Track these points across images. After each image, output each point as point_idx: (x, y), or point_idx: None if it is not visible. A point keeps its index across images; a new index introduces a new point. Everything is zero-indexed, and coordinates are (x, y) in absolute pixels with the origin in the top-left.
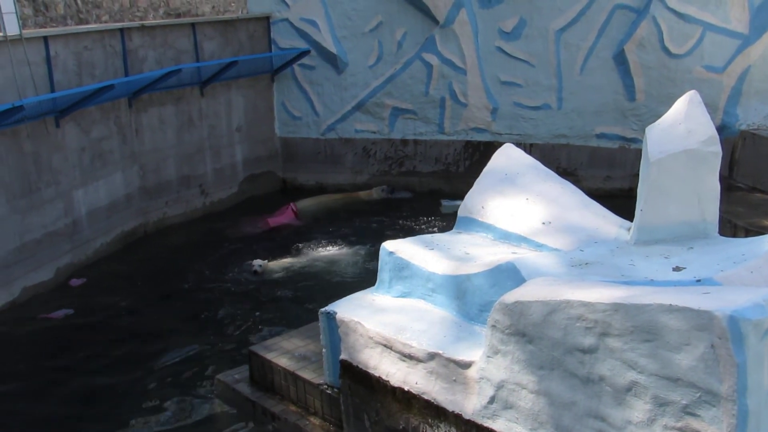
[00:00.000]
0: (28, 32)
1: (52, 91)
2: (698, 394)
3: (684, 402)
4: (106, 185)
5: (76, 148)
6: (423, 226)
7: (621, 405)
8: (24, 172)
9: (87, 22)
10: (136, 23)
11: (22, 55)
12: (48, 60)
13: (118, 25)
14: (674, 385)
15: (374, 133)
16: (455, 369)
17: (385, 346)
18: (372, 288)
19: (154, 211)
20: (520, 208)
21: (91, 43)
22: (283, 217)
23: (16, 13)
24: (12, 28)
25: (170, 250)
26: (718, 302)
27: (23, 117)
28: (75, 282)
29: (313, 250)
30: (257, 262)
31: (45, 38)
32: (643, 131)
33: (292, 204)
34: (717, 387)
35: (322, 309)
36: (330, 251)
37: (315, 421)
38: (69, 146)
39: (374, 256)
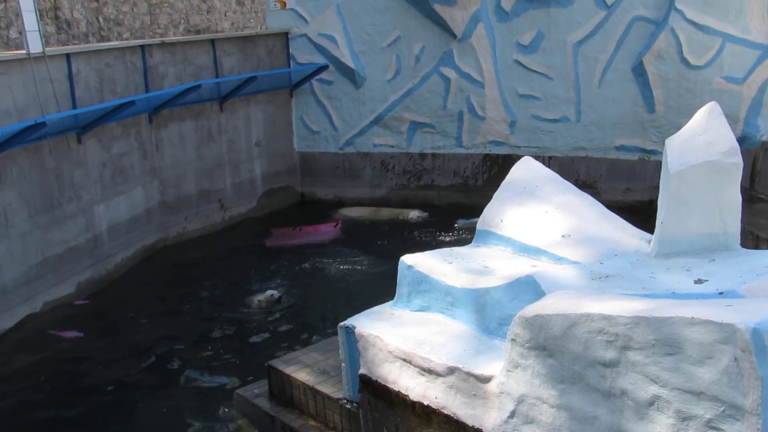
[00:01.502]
0: (51, 50)
1: (74, 107)
2: (722, 408)
3: (707, 416)
4: (127, 200)
5: (98, 164)
6: (441, 240)
7: (643, 419)
8: (46, 187)
9: (108, 40)
10: (157, 40)
11: (44, 72)
12: (70, 77)
13: (139, 42)
14: (697, 398)
15: (392, 147)
16: (475, 383)
17: (404, 360)
18: (391, 302)
19: (174, 226)
20: (539, 221)
21: (112, 60)
22: (323, 230)
23: (39, 31)
24: (35, 46)
25: (189, 265)
26: (741, 315)
27: (45, 133)
28: (79, 303)
29: (333, 264)
30: (272, 293)
31: (67, 55)
32: (663, 143)
33: (339, 222)
34: (741, 401)
35: (341, 323)
36: (351, 265)
37: None
38: (90, 162)
39: (393, 269)
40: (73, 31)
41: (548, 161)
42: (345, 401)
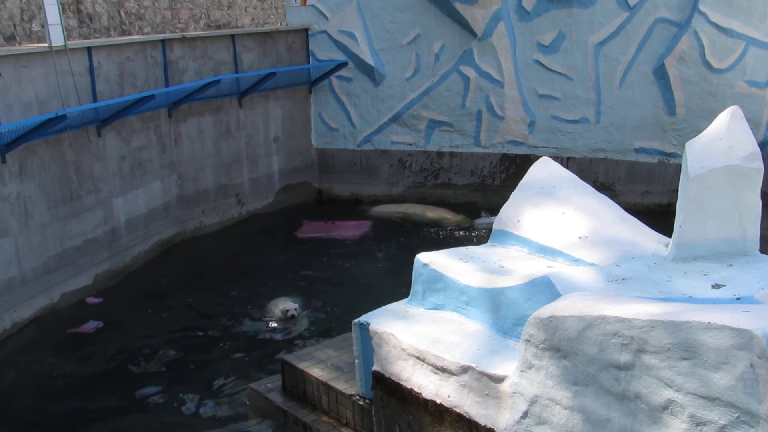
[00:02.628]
0: (73, 43)
1: (95, 100)
2: (736, 415)
3: (722, 422)
4: (145, 194)
5: (117, 157)
6: (458, 239)
7: (657, 423)
8: (66, 180)
9: (129, 34)
10: (177, 35)
11: (66, 65)
12: (91, 70)
13: (160, 36)
14: (712, 404)
15: (410, 145)
16: (488, 383)
17: (417, 358)
18: (405, 300)
19: (191, 220)
20: (556, 222)
21: (133, 54)
22: (355, 226)
23: (62, 24)
24: (57, 39)
25: (206, 259)
26: (759, 321)
27: (66, 126)
28: (92, 300)
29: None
30: (291, 306)
31: (89, 49)
32: (683, 146)
33: (370, 220)
34: (756, 407)
35: (355, 320)
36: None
37: None
38: (110, 155)
39: (408, 267)
40: (94, 25)
41: (567, 162)
42: (358, 398)
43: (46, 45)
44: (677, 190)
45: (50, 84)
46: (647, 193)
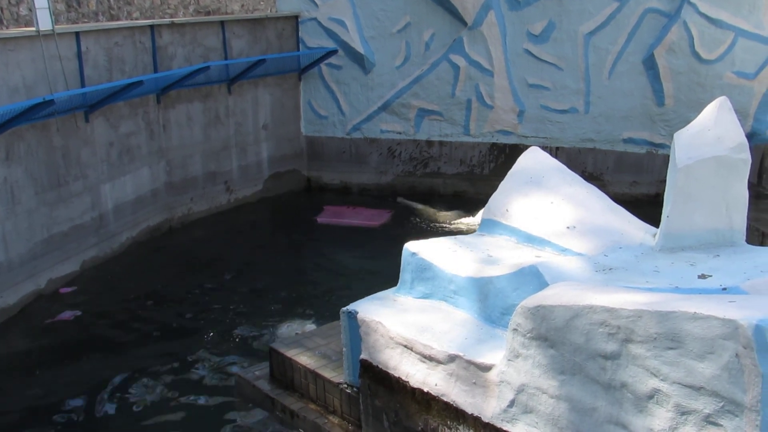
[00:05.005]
0: (61, 27)
1: (83, 86)
2: (721, 404)
3: (707, 411)
4: (133, 180)
5: (105, 143)
6: (446, 228)
7: (642, 412)
8: (53, 165)
9: (118, 19)
10: (166, 20)
11: (54, 50)
12: (79, 55)
13: (149, 21)
14: (697, 393)
15: (399, 133)
16: (475, 372)
17: (405, 346)
18: (394, 288)
19: (180, 207)
20: (544, 212)
21: (121, 39)
22: (375, 214)
23: (49, 8)
24: (45, 24)
25: (194, 246)
26: (744, 311)
27: (54, 111)
28: (65, 290)
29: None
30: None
31: (77, 34)
32: (671, 137)
33: (391, 210)
34: (741, 397)
35: (344, 308)
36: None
37: (334, 419)
38: (98, 141)
39: (396, 257)
40: (82, 10)
41: (556, 152)
42: (345, 386)
43: (33, 29)
44: (665, 181)
45: (38, 69)
46: (635, 183)
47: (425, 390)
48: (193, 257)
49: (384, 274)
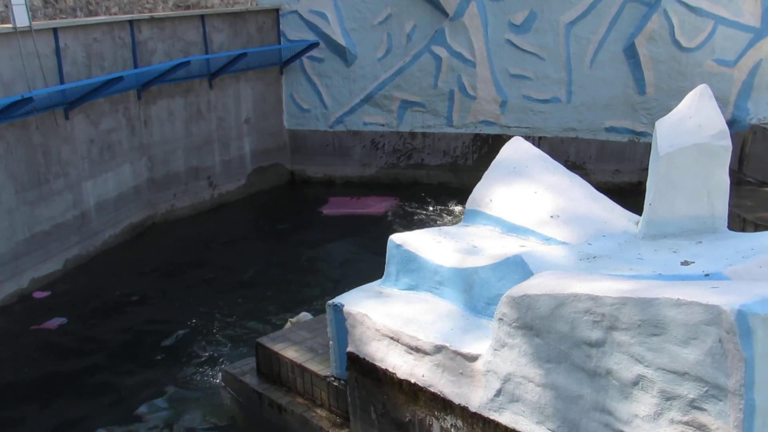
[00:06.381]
0: (38, 24)
1: (62, 82)
2: (705, 389)
3: (691, 396)
4: (115, 177)
5: (85, 140)
6: (431, 219)
7: (628, 399)
8: (33, 163)
9: (96, 14)
10: (146, 15)
11: (31, 46)
12: (57, 52)
13: (128, 17)
14: (681, 379)
15: (383, 125)
16: (462, 362)
17: (391, 338)
18: (379, 281)
19: (163, 203)
20: (528, 201)
21: (100, 35)
22: (380, 202)
23: (26, 4)
24: (22, 20)
25: (178, 242)
26: (727, 297)
27: (33, 108)
28: (39, 294)
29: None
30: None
31: (55, 30)
32: (653, 125)
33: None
34: (724, 381)
35: (330, 301)
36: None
37: (321, 413)
38: (78, 138)
39: (380, 250)
40: (60, 5)
41: (538, 142)
42: (332, 379)
43: (10, 26)
44: (647, 169)
45: (15, 66)
46: (618, 171)
47: (412, 381)
48: (177, 253)
49: (373, 264)
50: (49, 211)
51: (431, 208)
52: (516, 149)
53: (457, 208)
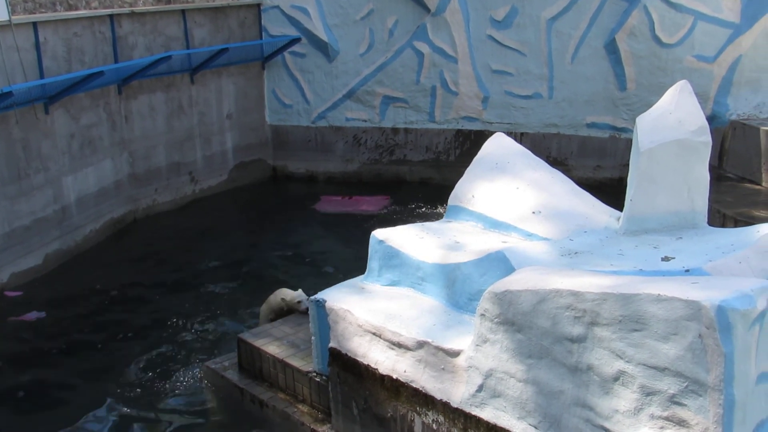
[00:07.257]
0: (17, 18)
1: (42, 77)
2: (685, 384)
3: (671, 391)
4: (96, 172)
5: (66, 135)
6: (413, 215)
7: (608, 394)
8: (13, 158)
9: (76, 8)
10: (126, 9)
11: (11, 40)
12: (37, 46)
13: (108, 11)
14: (661, 374)
15: (365, 121)
16: (444, 357)
17: (374, 334)
18: (362, 276)
19: (144, 198)
20: (510, 197)
21: (80, 30)
22: (372, 201)
23: None
24: (1, 14)
25: (159, 237)
26: (707, 292)
27: (12, 103)
28: (11, 294)
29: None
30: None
31: (34, 24)
32: (634, 121)
33: (389, 196)
34: (704, 377)
35: (312, 297)
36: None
37: (303, 408)
38: (58, 133)
39: (363, 246)
40: None
41: (520, 137)
42: (314, 374)
43: None
44: (628, 165)
45: None
46: (599, 167)
47: (394, 377)
48: (158, 248)
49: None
50: (29, 206)
51: (412, 205)
52: (498, 145)
53: (439, 204)
